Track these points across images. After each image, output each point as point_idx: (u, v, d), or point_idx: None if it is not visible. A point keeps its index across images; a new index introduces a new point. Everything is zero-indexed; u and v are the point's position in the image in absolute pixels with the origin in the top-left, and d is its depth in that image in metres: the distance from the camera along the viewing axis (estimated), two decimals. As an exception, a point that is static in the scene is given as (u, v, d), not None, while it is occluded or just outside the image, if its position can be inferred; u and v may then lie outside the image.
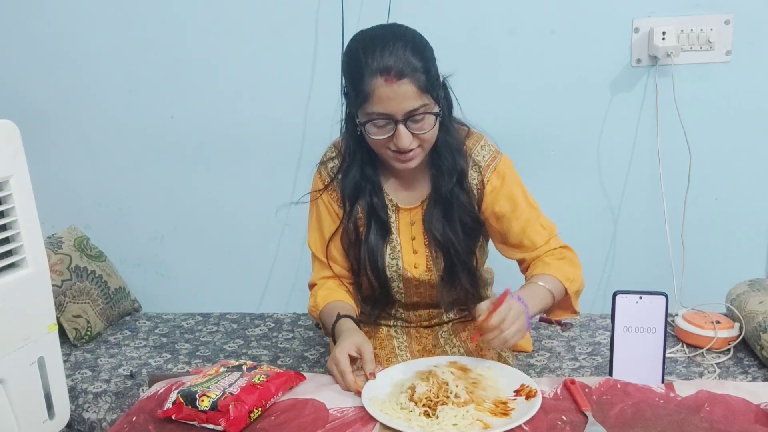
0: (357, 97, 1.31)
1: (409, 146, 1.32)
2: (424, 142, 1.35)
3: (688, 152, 2.06)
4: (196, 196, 2.36)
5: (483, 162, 1.45)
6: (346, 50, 1.36)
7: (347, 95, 1.37)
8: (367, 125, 1.32)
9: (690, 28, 2.06)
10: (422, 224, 1.48)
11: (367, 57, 1.28)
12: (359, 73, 1.29)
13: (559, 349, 1.87)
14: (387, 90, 1.27)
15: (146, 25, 2.24)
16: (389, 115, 1.29)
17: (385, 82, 1.27)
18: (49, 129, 2.34)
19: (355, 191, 1.46)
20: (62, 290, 2.03)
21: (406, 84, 1.27)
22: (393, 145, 1.33)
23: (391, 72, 1.26)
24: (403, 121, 1.30)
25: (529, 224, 1.47)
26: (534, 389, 1.16)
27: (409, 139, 1.31)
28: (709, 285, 2.06)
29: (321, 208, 1.51)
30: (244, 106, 2.27)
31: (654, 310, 1.23)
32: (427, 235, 1.48)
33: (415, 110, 1.29)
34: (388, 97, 1.27)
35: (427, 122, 1.32)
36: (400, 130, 1.30)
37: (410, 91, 1.28)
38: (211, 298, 2.41)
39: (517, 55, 2.15)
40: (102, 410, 1.74)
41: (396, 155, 1.36)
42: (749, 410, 1.10)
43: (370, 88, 1.28)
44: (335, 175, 1.48)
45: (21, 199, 1.10)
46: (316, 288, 1.54)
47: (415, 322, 1.60)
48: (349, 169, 1.45)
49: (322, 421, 1.12)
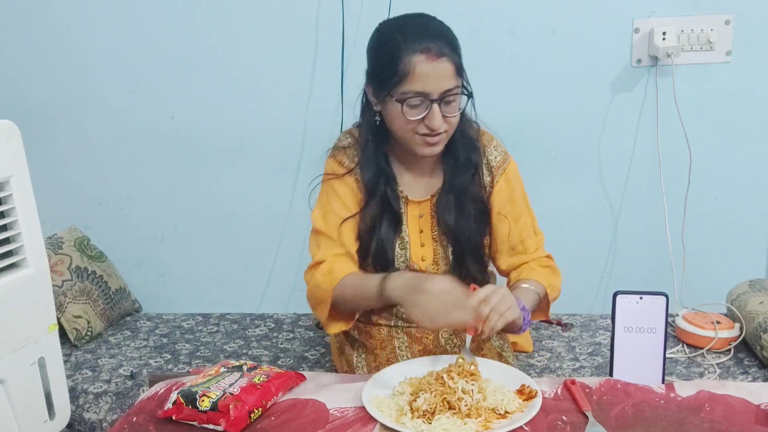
0: (392, 77, 1.33)
1: (441, 128, 1.35)
2: (451, 127, 1.38)
3: (689, 152, 2.06)
4: (197, 197, 2.36)
5: (494, 162, 1.49)
6: (377, 35, 1.40)
7: (375, 79, 1.39)
8: (403, 105, 1.34)
9: (690, 29, 2.06)
10: (431, 216, 1.49)
11: (406, 37, 1.33)
12: (397, 52, 1.32)
13: (559, 349, 1.87)
14: (428, 66, 1.31)
15: (147, 26, 2.24)
16: (426, 93, 1.32)
17: (426, 59, 1.30)
18: (49, 129, 2.35)
19: (374, 181, 1.46)
20: (63, 290, 2.03)
21: (445, 62, 1.32)
22: (423, 127, 1.35)
23: (431, 50, 1.31)
24: (438, 101, 1.33)
25: (526, 230, 1.52)
26: (534, 390, 1.16)
27: (440, 120, 1.34)
28: (709, 285, 2.06)
29: (340, 189, 1.48)
30: (245, 107, 2.27)
31: (654, 310, 1.23)
32: (438, 225, 1.49)
33: (450, 90, 1.33)
34: (427, 74, 1.31)
35: (457, 105, 1.36)
36: (434, 109, 1.33)
37: (448, 70, 1.32)
38: (212, 298, 2.41)
39: (518, 56, 2.15)
40: (102, 410, 1.74)
41: (424, 139, 1.37)
42: (749, 410, 1.10)
43: (410, 66, 1.31)
44: (357, 162, 1.47)
45: (21, 199, 1.11)
46: (327, 264, 1.44)
47: (415, 321, 1.59)
48: (369, 159, 1.46)
49: (323, 422, 1.11)
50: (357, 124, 1.52)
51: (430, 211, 1.49)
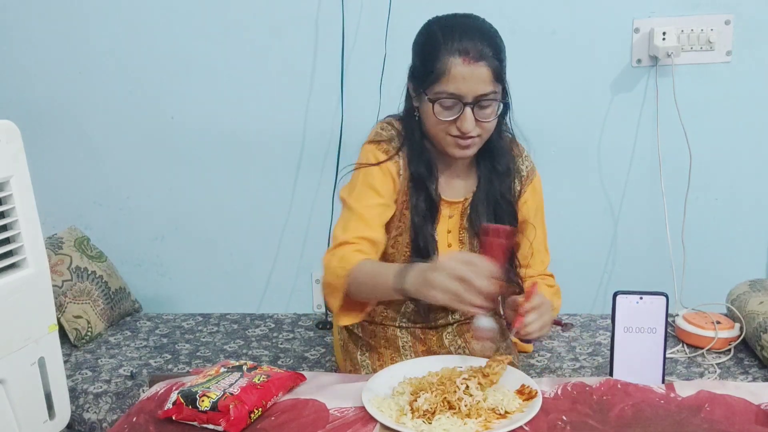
0: (429, 75, 1.32)
1: (472, 131, 1.34)
2: (484, 131, 1.37)
3: (689, 152, 2.06)
4: (197, 197, 2.36)
5: (524, 172, 1.50)
6: (423, 31, 1.39)
7: (415, 75, 1.39)
8: (435, 104, 1.33)
9: (690, 29, 2.06)
10: (461, 219, 1.48)
11: (446, 37, 1.31)
12: (436, 51, 1.31)
13: (559, 349, 1.87)
14: (464, 69, 1.29)
15: (147, 26, 2.24)
16: (460, 96, 1.31)
17: (463, 61, 1.29)
18: (49, 129, 2.35)
19: (422, 175, 1.43)
20: (63, 291, 2.03)
21: (482, 67, 1.30)
22: (455, 129, 1.34)
23: (470, 53, 1.29)
24: (471, 104, 1.31)
25: (539, 246, 1.51)
26: (534, 390, 1.16)
27: (473, 123, 1.33)
28: (709, 285, 2.06)
29: (378, 176, 1.41)
30: (245, 107, 2.27)
31: (654, 310, 1.23)
32: (470, 228, 1.47)
33: (485, 95, 1.31)
34: (463, 77, 1.29)
35: (492, 110, 1.34)
36: (467, 112, 1.32)
37: (485, 75, 1.30)
38: (212, 298, 2.41)
39: (518, 56, 2.13)
40: (102, 411, 1.74)
41: (455, 140, 1.36)
42: (750, 410, 1.10)
43: (446, 67, 1.30)
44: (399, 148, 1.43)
45: (21, 199, 1.11)
46: (348, 247, 1.35)
47: (420, 322, 1.59)
48: (417, 152, 1.43)
49: (323, 422, 1.11)
50: (396, 117, 1.48)
51: (461, 212, 1.48)
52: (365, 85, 2.14)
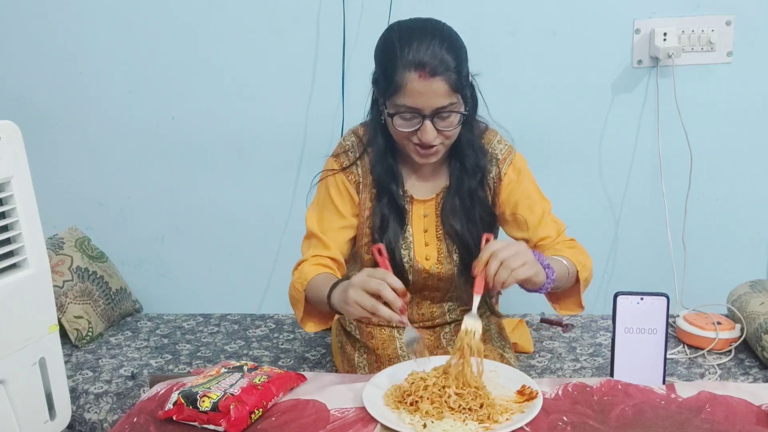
0: (387, 88, 1.32)
1: (433, 141, 1.34)
2: (447, 139, 1.37)
3: (689, 153, 2.06)
4: (197, 197, 2.37)
5: (500, 155, 1.48)
6: (382, 38, 1.37)
7: (377, 83, 1.39)
8: (394, 117, 1.33)
9: (691, 29, 2.06)
10: (436, 216, 1.49)
11: (403, 49, 1.29)
12: (393, 64, 1.30)
13: (560, 350, 1.87)
14: (419, 85, 1.28)
15: (147, 26, 2.24)
16: (418, 109, 1.31)
17: (419, 77, 1.28)
18: (50, 130, 2.35)
19: (384, 178, 1.45)
20: (63, 291, 2.04)
21: (438, 81, 1.28)
22: (417, 138, 1.35)
23: (425, 68, 1.27)
24: (431, 116, 1.31)
25: (543, 218, 1.48)
26: (535, 390, 1.16)
27: (433, 134, 1.33)
28: (710, 286, 2.06)
29: (335, 192, 1.47)
30: (246, 107, 2.27)
31: (655, 311, 1.23)
32: (443, 228, 1.48)
33: (444, 108, 1.31)
34: (419, 92, 1.29)
35: (453, 120, 1.34)
36: (426, 125, 1.32)
37: (442, 89, 1.29)
38: (212, 298, 2.41)
39: (519, 56, 2.15)
40: (103, 411, 1.74)
41: (417, 149, 1.37)
42: (750, 411, 1.10)
43: (403, 81, 1.29)
44: (356, 159, 1.46)
45: (22, 199, 1.11)
46: (305, 263, 1.43)
47: (417, 322, 1.59)
48: (379, 156, 1.44)
49: (323, 422, 1.11)
50: (363, 123, 1.51)
51: (435, 210, 1.49)
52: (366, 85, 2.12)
